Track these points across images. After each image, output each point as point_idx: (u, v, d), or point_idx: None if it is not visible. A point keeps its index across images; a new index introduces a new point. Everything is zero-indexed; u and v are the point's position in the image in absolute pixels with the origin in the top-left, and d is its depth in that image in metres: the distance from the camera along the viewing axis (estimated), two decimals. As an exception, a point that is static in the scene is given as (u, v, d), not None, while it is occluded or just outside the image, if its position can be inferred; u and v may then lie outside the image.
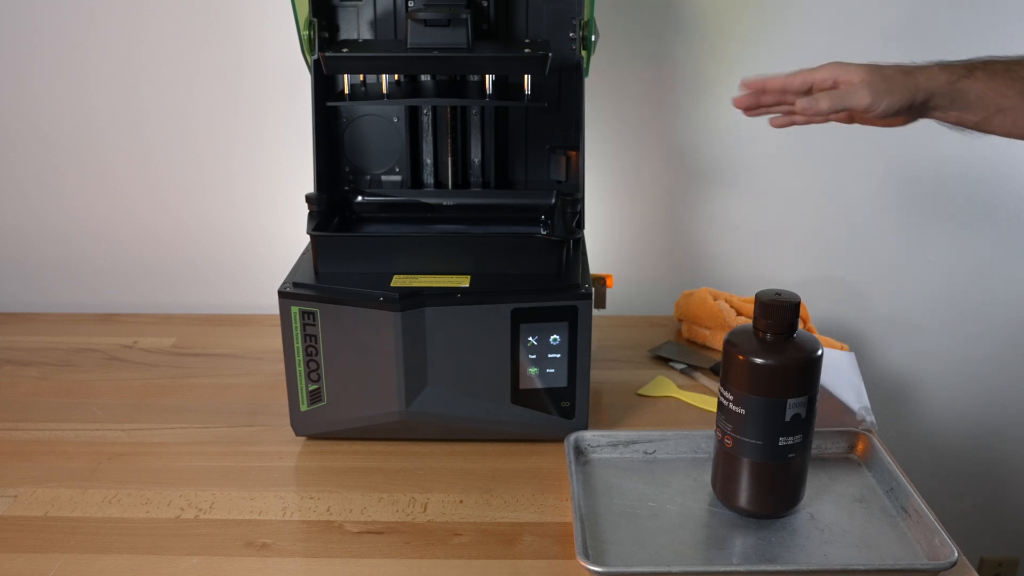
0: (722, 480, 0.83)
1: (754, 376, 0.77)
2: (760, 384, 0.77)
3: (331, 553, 0.79)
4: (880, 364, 1.41)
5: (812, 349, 0.78)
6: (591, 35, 0.98)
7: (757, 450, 0.79)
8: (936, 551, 0.75)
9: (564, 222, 0.97)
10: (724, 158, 1.30)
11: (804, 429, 0.79)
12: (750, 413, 0.78)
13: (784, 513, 0.82)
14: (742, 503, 0.81)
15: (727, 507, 0.83)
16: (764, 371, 0.77)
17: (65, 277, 1.36)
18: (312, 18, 0.99)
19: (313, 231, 0.92)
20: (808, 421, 0.79)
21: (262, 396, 1.06)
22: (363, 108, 1.06)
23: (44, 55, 1.24)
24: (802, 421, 0.78)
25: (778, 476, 0.80)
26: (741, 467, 0.80)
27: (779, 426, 0.78)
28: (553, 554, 0.79)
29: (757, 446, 0.79)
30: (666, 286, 1.34)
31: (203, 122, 1.28)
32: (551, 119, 1.07)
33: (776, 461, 0.79)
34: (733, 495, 0.82)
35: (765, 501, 0.81)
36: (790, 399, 0.77)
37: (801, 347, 0.78)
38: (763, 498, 0.81)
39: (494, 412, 0.93)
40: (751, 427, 0.78)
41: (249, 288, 1.34)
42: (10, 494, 0.87)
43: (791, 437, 0.78)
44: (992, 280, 1.37)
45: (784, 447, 0.78)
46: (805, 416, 0.78)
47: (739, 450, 0.80)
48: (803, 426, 0.79)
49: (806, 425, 0.79)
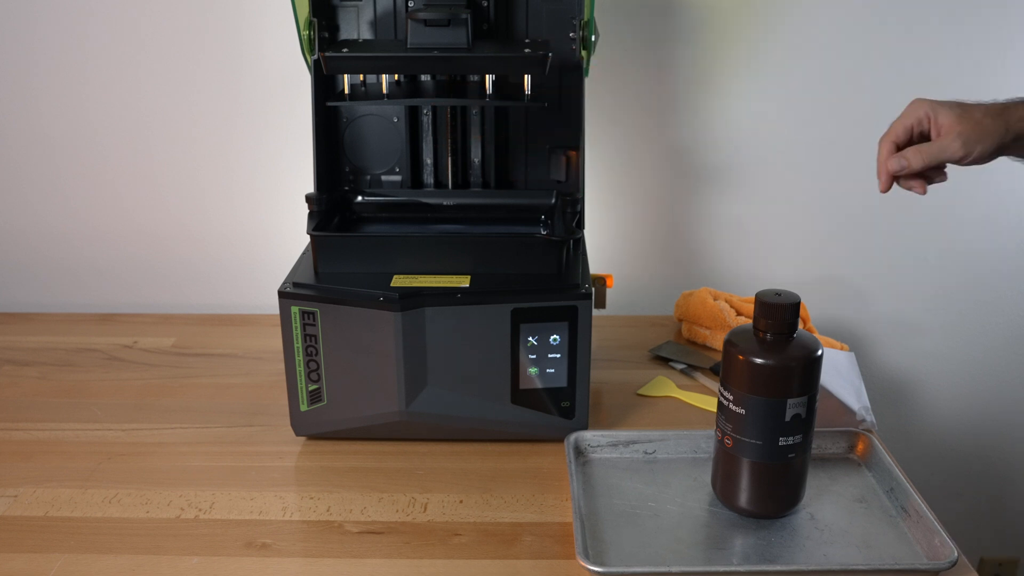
0: (722, 480, 0.83)
1: (754, 376, 0.77)
2: (760, 384, 0.77)
3: (331, 553, 0.79)
4: (880, 364, 1.41)
5: (812, 349, 0.78)
6: (591, 35, 0.98)
7: (757, 450, 0.79)
8: (936, 551, 0.75)
9: (564, 222, 0.97)
10: (724, 158, 1.30)
11: (804, 429, 0.79)
12: (750, 413, 0.78)
13: (784, 513, 0.82)
14: (742, 503, 0.81)
15: (727, 507, 0.83)
16: (764, 371, 0.77)
17: (65, 277, 1.36)
18: (312, 18, 0.99)
19: (313, 231, 0.92)
20: (808, 421, 0.79)
21: (262, 396, 1.06)
22: (363, 108, 1.06)
23: (44, 55, 1.24)
24: (802, 421, 0.78)
25: (778, 476, 0.80)
26: (741, 467, 0.80)
27: (779, 426, 0.78)
28: (553, 554, 0.79)
29: (757, 446, 0.79)
30: (666, 286, 1.34)
31: (203, 122, 1.28)
32: (551, 119, 1.07)
33: (776, 461, 0.79)
34: (733, 495, 0.82)
35: (765, 501, 0.81)
36: (790, 399, 0.77)
37: (801, 347, 0.78)
38: (763, 498, 0.81)
39: (494, 412, 0.93)
40: (751, 427, 0.78)
41: (249, 288, 1.34)
42: (10, 494, 0.87)
43: (791, 437, 0.78)
44: (992, 280, 1.37)
45: (784, 447, 0.78)
46: (805, 416, 0.78)
47: (739, 450, 0.80)
48: (803, 426, 0.79)
49: (806, 425, 0.79)
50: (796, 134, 1.30)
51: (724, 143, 1.30)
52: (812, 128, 1.30)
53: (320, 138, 1.02)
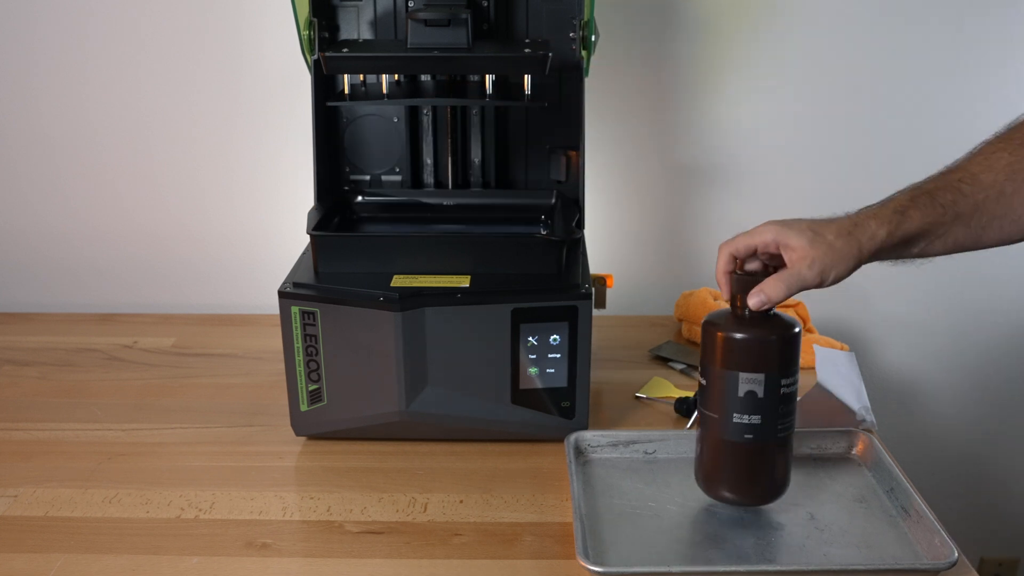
0: (696, 458, 0.83)
1: (707, 344, 0.78)
2: (709, 351, 0.78)
3: (331, 553, 0.79)
4: (880, 364, 1.41)
5: (771, 330, 0.77)
6: (591, 35, 0.98)
7: (716, 424, 0.79)
8: (936, 551, 0.75)
9: (564, 222, 0.97)
10: (725, 158, 1.30)
11: (762, 411, 0.77)
12: (709, 384, 0.79)
13: (744, 502, 0.81)
14: (700, 479, 0.82)
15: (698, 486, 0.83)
16: (714, 340, 0.77)
17: (65, 277, 1.36)
18: (312, 18, 0.99)
19: (313, 231, 0.92)
20: (767, 405, 0.77)
21: (262, 396, 1.06)
22: (363, 108, 1.06)
23: (44, 55, 1.24)
24: (758, 401, 0.77)
25: (737, 457, 0.79)
26: (704, 442, 0.81)
27: (733, 401, 0.77)
28: (553, 554, 0.79)
29: (714, 419, 0.79)
30: (666, 286, 1.34)
31: (203, 122, 1.28)
32: (551, 119, 1.07)
33: (733, 439, 0.78)
34: (697, 471, 0.82)
35: (723, 483, 0.81)
36: (742, 373, 0.76)
37: (762, 326, 0.77)
38: (722, 480, 0.81)
39: (494, 412, 0.93)
40: (708, 398, 0.79)
41: (249, 288, 1.33)
42: (10, 494, 0.87)
43: (746, 416, 0.77)
44: (992, 280, 1.37)
45: (740, 425, 0.77)
46: (763, 397, 0.77)
47: (704, 424, 0.80)
48: (761, 407, 0.77)
49: (766, 409, 0.77)
50: (796, 134, 1.30)
51: (725, 143, 1.30)
52: (812, 128, 1.30)
53: (320, 138, 1.02)
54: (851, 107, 1.28)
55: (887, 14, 1.24)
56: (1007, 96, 1.27)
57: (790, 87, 1.27)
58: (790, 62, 1.27)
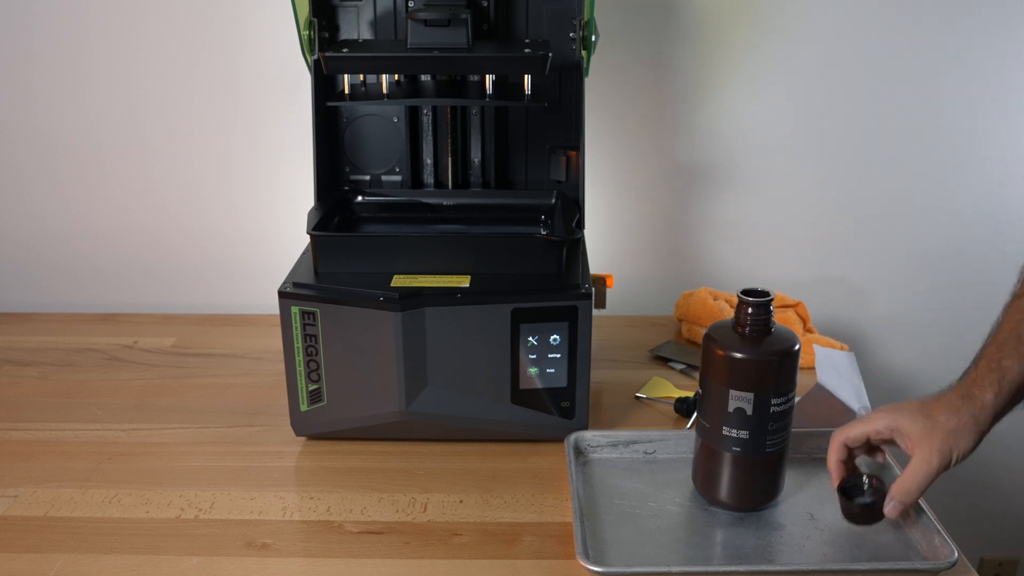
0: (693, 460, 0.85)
1: (704, 355, 0.80)
2: (706, 364, 0.80)
3: (331, 553, 0.79)
4: (880, 364, 1.41)
5: (766, 352, 0.78)
6: (591, 35, 0.98)
7: (708, 433, 0.81)
8: (936, 551, 0.75)
9: (564, 222, 0.97)
10: (724, 158, 1.30)
11: (750, 428, 0.79)
12: (704, 393, 0.81)
13: (733, 508, 0.82)
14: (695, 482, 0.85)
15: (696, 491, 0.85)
16: (710, 353, 0.79)
17: (65, 277, 1.36)
18: (312, 18, 0.99)
19: (313, 231, 0.92)
20: (756, 422, 0.78)
21: (262, 396, 1.06)
22: (363, 108, 1.06)
23: (44, 55, 1.24)
24: (747, 418, 0.78)
25: (725, 466, 0.81)
26: (699, 446, 0.83)
27: (722, 415, 0.79)
28: (553, 554, 0.79)
29: (706, 428, 0.81)
30: (666, 286, 1.34)
31: (203, 122, 1.27)
32: (551, 119, 1.07)
33: (722, 449, 0.80)
34: (694, 474, 0.85)
35: (711, 486, 0.83)
36: (732, 390, 0.78)
37: (758, 346, 0.78)
38: (711, 483, 0.82)
39: (494, 412, 0.93)
40: (704, 406, 0.81)
41: (249, 288, 1.34)
42: (10, 494, 0.87)
43: (734, 431, 0.79)
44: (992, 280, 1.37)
45: (728, 438, 0.80)
46: (751, 415, 0.78)
47: (700, 429, 0.82)
48: (749, 424, 0.79)
49: (754, 425, 0.79)
50: (796, 134, 1.30)
51: (724, 143, 1.30)
52: (812, 128, 1.30)
53: (320, 138, 1.02)
54: (851, 107, 1.28)
55: (887, 14, 1.24)
56: (1007, 96, 1.27)
57: (790, 87, 1.27)
58: (790, 62, 1.27)
